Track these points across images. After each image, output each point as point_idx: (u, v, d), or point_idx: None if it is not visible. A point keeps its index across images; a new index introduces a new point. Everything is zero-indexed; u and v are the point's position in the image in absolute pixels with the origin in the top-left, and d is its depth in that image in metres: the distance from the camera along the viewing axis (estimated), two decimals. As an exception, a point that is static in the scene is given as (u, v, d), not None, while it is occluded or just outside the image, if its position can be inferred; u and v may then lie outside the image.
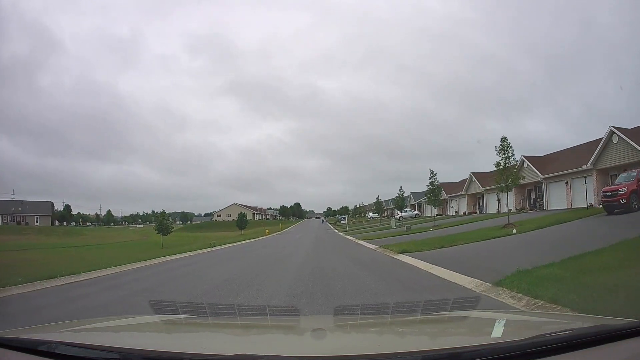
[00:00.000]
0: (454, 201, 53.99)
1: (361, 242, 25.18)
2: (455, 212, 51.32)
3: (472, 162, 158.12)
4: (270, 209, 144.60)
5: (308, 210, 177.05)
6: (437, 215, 54.63)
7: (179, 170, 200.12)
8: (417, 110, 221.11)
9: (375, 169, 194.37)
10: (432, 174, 32.40)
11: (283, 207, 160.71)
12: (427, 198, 33.97)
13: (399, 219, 51.51)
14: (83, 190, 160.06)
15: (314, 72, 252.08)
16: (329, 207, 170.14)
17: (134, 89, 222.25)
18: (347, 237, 34.00)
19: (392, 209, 73.64)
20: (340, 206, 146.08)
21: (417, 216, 56.54)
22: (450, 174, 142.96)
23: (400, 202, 47.93)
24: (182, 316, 2.53)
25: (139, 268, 15.53)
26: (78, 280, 11.73)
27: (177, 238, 46.52)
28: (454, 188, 53.57)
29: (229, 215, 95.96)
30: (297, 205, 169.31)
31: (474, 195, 47.66)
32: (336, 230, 52.59)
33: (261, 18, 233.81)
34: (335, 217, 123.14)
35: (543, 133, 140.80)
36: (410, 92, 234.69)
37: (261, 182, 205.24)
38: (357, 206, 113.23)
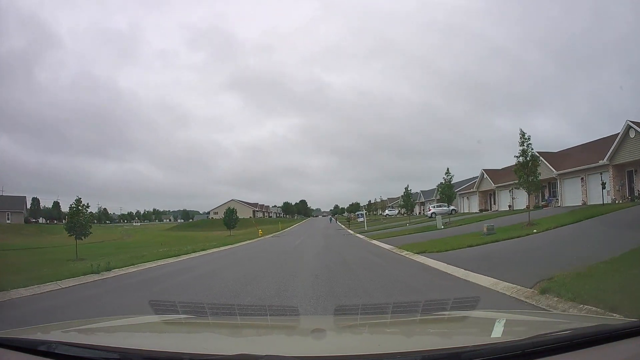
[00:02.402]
0: (503, 192, 42.03)
1: (451, 270, 9.99)
2: (509, 205, 38.99)
3: (478, 159, 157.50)
4: (275, 206, 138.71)
5: (314, 209, 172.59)
6: (481, 210, 44.27)
7: (182, 168, 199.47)
8: (425, 106, 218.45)
9: (382, 166, 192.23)
10: (524, 137, 18.69)
11: (286, 204, 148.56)
12: (520, 178, 19.87)
13: (431, 215, 42.49)
14: (83, 188, 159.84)
15: (319, 66, 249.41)
16: (336, 205, 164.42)
17: (135, 85, 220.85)
18: (382, 245, 20.14)
19: (412, 204, 53.30)
20: (349, 203, 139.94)
21: (453, 212, 44.21)
22: (457, 172, 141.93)
23: (448, 190, 31.60)
24: (182, 316, 2.53)
25: None
26: None
27: (144, 239, 42.52)
28: (501, 176, 41.87)
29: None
30: (303, 202, 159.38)
31: (536, 183, 37.36)
32: (350, 231, 40.72)
33: (263, 9, 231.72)
34: (344, 215, 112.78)
35: (552, 130, 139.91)
36: (418, 87, 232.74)
37: (266, 180, 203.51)
38: (371, 202, 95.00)
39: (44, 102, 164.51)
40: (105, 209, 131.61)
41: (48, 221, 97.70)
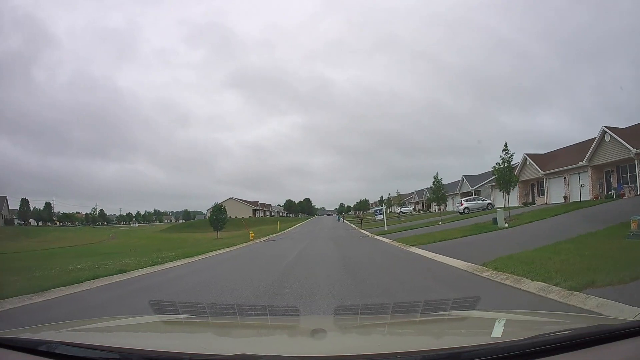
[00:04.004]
0: (554, 180, 33.03)
1: None
2: (564, 197, 30.80)
3: (482, 157, 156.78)
4: (278, 205, 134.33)
5: (319, 208, 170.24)
6: (525, 204, 34.78)
7: (184, 168, 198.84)
8: (429, 102, 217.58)
9: (387, 165, 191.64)
10: None
11: (289, 202, 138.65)
12: None
13: (463, 211, 35.34)
14: (85, 190, 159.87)
15: (322, 62, 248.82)
16: (342, 204, 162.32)
17: (135, 85, 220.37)
18: (439, 258, 11.96)
19: (445, 197, 36.67)
20: (356, 201, 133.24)
21: (489, 206, 35.98)
22: (460, 170, 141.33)
23: (506, 174, 22.78)
24: (182, 316, 2.53)
25: None
26: None
27: (123, 243, 39.54)
28: (550, 161, 34.01)
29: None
30: (307, 200, 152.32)
31: (599, 167, 28.07)
32: (365, 232, 31.74)
33: (263, 4, 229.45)
34: (350, 214, 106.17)
35: (555, 126, 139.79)
36: (422, 83, 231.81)
37: (270, 180, 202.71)
38: (384, 198, 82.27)
39: (43, 103, 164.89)
40: (101, 209, 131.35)
41: (40, 223, 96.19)
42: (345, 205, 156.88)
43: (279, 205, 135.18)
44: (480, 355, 1.34)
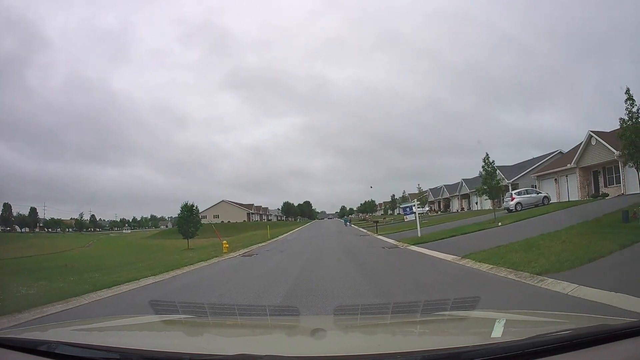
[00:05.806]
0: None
1: None
2: None
3: (483, 156, 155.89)
4: (277, 209, 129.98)
5: (319, 211, 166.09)
6: (595, 196, 26.97)
7: (183, 172, 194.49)
8: (431, 101, 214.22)
9: (388, 165, 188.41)
10: None
11: (287, 205, 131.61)
12: None
13: (515, 207, 28.93)
14: (80, 194, 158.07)
15: (321, 61, 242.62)
16: (343, 206, 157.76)
17: (131, 88, 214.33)
18: None
19: (501, 189, 28.52)
20: (360, 203, 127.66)
21: (545, 200, 29.97)
22: (464, 170, 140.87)
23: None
24: (182, 316, 2.53)
25: None
26: None
27: (89, 253, 36.80)
28: (619, 140, 20.81)
29: (216, 217, 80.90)
30: (307, 203, 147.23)
31: None
32: (388, 240, 22.11)
33: (260, 1, 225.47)
34: (352, 217, 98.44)
35: (557, 125, 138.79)
36: (423, 81, 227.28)
37: (269, 183, 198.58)
38: (396, 197, 71.80)
39: (37, 106, 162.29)
40: (92, 215, 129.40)
41: (26, 229, 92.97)
42: (347, 208, 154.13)
43: (278, 209, 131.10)
44: (480, 355, 1.34)
